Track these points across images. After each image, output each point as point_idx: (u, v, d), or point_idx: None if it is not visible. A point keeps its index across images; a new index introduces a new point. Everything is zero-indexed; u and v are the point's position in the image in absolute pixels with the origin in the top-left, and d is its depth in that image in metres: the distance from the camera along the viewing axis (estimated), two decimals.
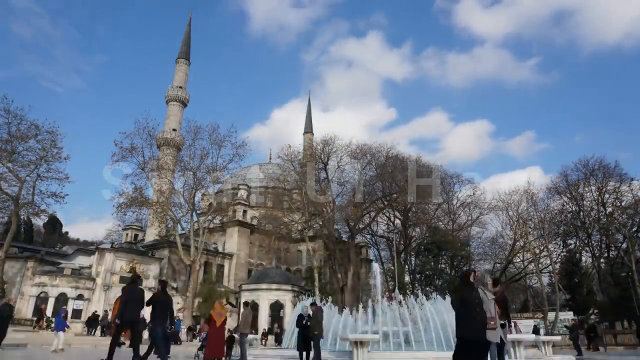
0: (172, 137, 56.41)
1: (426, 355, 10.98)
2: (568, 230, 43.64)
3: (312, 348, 10.74)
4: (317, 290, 36.59)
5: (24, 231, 56.76)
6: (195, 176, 34.38)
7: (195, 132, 34.87)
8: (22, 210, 30.24)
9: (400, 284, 40.05)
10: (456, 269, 46.43)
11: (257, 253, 49.58)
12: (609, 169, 39.80)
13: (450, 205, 45.49)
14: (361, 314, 13.98)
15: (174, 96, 61.59)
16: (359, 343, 10.15)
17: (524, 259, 44.94)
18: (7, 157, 27.83)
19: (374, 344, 11.53)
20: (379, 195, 40.34)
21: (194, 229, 35.02)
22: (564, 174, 41.81)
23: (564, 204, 42.36)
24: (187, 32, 67.66)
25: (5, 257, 28.62)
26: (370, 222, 43.97)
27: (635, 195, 38.98)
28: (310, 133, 78.77)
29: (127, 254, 38.12)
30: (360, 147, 40.09)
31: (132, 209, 34.03)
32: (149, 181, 34.58)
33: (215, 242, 48.31)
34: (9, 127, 27.81)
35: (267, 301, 38.55)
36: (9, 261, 30.50)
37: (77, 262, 38.78)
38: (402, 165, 39.45)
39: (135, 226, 52.24)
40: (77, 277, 35.47)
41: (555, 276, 40.89)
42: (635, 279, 35.79)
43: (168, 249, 41.75)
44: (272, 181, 46.73)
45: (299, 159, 43.09)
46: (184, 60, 64.92)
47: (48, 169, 29.02)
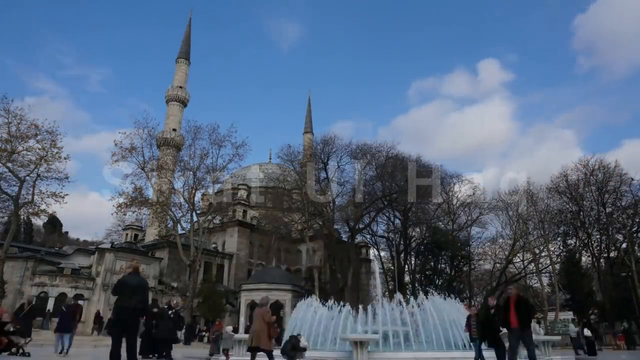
0: (172, 137, 56.42)
1: (426, 355, 10.99)
2: (568, 230, 43.62)
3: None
4: (317, 290, 36.58)
5: (24, 231, 56.76)
6: (195, 176, 34.35)
7: (195, 132, 34.84)
8: (22, 210, 30.17)
9: (400, 284, 40.09)
10: (456, 269, 46.46)
11: (257, 253, 49.57)
12: (609, 169, 39.80)
13: (450, 205, 45.43)
14: (361, 314, 13.96)
15: (174, 96, 61.60)
16: (359, 343, 10.16)
17: (524, 259, 44.90)
18: (7, 157, 27.79)
19: (374, 344, 11.53)
20: (379, 195, 40.33)
21: (194, 229, 35.00)
22: (564, 174, 41.81)
23: (564, 203, 42.34)
24: (187, 32, 67.67)
25: (5, 257, 28.58)
26: (370, 222, 43.96)
27: (635, 195, 39.01)
28: (310, 133, 78.74)
29: (127, 254, 38.10)
30: (360, 147, 40.17)
31: (132, 209, 33.97)
32: (149, 181, 34.57)
33: (215, 242, 48.31)
34: (9, 127, 27.79)
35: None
36: (9, 261, 30.45)
37: (77, 262, 38.77)
38: (402, 165, 39.44)
39: (135, 226, 52.26)
40: (77, 277, 35.46)
41: (555, 276, 40.88)
42: (635, 279, 35.81)
43: (168, 249, 41.75)
44: (272, 181, 46.71)
45: (299, 159, 43.11)
46: (184, 60, 64.92)
47: (48, 169, 29.00)
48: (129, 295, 7.73)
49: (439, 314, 12.88)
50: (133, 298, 7.71)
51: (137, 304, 7.76)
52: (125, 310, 7.70)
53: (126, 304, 7.70)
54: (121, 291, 7.90)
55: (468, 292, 45.95)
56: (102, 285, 35.32)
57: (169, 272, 41.19)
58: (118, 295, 7.96)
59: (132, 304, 7.67)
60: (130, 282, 7.97)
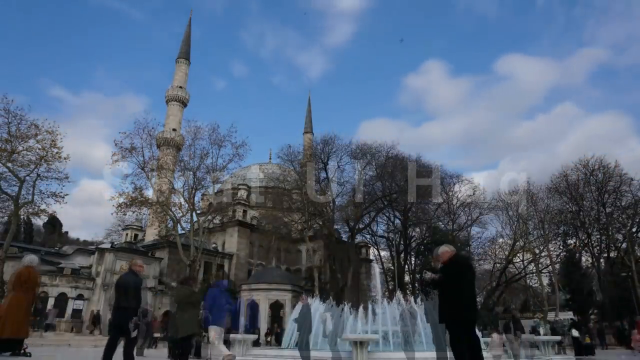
0: (172, 137, 56.45)
1: (426, 355, 10.97)
2: (568, 230, 43.61)
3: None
4: (317, 290, 36.60)
5: (24, 231, 56.84)
6: (195, 176, 34.34)
7: (195, 132, 34.84)
8: (22, 210, 30.20)
9: (400, 284, 40.11)
10: None
11: (257, 253, 49.56)
12: (609, 169, 39.78)
13: (450, 205, 45.41)
14: (361, 313, 13.96)
15: (174, 96, 61.64)
16: (359, 343, 10.15)
17: (524, 259, 44.91)
18: (7, 156, 27.82)
19: (374, 344, 11.53)
20: (379, 195, 40.34)
21: (193, 228, 35.01)
22: (564, 174, 41.79)
23: (564, 203, 42.34)
24: (187, 32, 67.71)
25: (5, 257, 28.61)
26: (370, 222, 43.97)
27: (635, 195, 38.97)
28: (310, 133, 78.75)
29: (127, 254, 38.12)
30: (360, 146, 40.17)
31: (132, 208, 33.98)
32: (149, 181, 34.58)
33: (215, 242, 48.30)
34: (9, 127, 27.82)
35: (267, 301, 38.54)
36: (8, 261, 30.44)
37: (77, 262, 38.82)
38: (402, 165, 39.43)
39: (135, 226, 52.24)
40: (77, 277, 35.49)
41: (555, 276, 40.89)
42: (635, 279, 35.80)
43: (168, 249, 41.73)
44: (272, 181, 46.71)
45: (299, 159, 43.12)
46: (184, 60, 64.95)
47: (48, 169, 29.03)
48: (123, 294, 7.69)
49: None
50: (127, 297, 7.66)
51: (131, 303, 7.68)
52: (118, 311, 7.70)
53: (122, 304, 7.66)
54: (117, 291, 7.86)
55: None
56: (102, 285, 35.34)
57: (169, 272, 41.18)
58: (115, 295, 7.92)
59: (126, 303, 7.63)
60: (126, 281, 7.89)
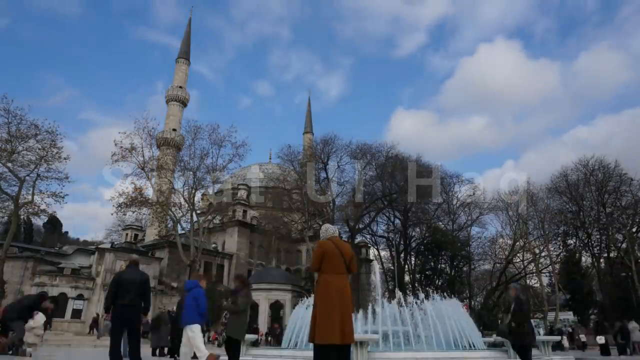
0: (172, 137, 56.43)
1: (426, 355, 10.97)
2: (568, 230, 43.61)
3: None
4: None
5: (24, 231, 56.84)
6: (195, 176, 34.35)
7: (195, 132, 34.86)
8: (22, 210, 30.19)
9: (400, 283, 40.08)
10: (456, 268, 46.42)
11: (257, 253, 49.55)
12: (609, 169, 39.78)
13: (450, 205, 45.42)
14: (361, 313, 13.95)
15: (174, 96, 61.63)
16: (359, 343, 10.14)
17: (523, 259, 44.94)
18: (7, 156, 27.82)
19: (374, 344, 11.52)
20: (378, 195, 40.35)
21: (193, 228, 35.01)
22: (564, 174, 41.81)
23: (564, 203, 42.35)
24: (187, 32, 67.67)
25: (5, 257, 28.61)
26: (370, 222, 43.95)
27: (635, 195, 38.96)
28: (310, 133, 78.75)
29: (127, 254, 38.09)
30: (360, 146, 40.12)
31: (132, 208, 33.98)
32: (149, 181, 34.58)
33: (215, 242, 48.28)
34: (9, 126, 27.82)
35: (267, 301, 38.55)
36: (8, 261, 30.48)
37: (77, 262, 38.82)
38: (402, 165, 39.42)
39: (135, 226, 52.27)
40: (77, 277, 35.50)
41: (555, 276, 40.89)
42: (635, 279, 35.81)
43: (168, 249, 41.72)
44: (272, 181, 46.67)
45: (299, 159, 43.10)
46: (184, 60, 64.92)
47: (48, 169, 29.04)
48: (126, 291, 7.24)
49: (439, 314, 12.86)
50: (130, 294, 7.23)
51: (134, 299, 7.28)
52: (121, 308, 7.25)
53: (123, 301, 7.23)
54: (116, 288, 7.34)
55: (468, 292, 45.99)
56: (102, 285, 35.32)
57: (169, 272, 41.16)
58: (114, 292, 7.35)
59: (127, 300, 7.21)
60: (127, 277, 7.47)
